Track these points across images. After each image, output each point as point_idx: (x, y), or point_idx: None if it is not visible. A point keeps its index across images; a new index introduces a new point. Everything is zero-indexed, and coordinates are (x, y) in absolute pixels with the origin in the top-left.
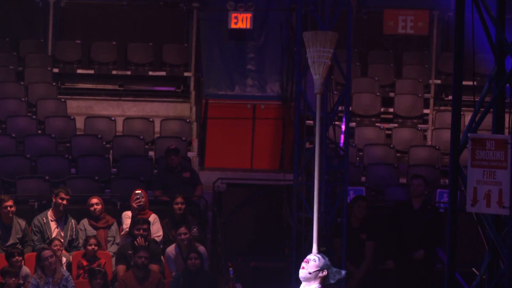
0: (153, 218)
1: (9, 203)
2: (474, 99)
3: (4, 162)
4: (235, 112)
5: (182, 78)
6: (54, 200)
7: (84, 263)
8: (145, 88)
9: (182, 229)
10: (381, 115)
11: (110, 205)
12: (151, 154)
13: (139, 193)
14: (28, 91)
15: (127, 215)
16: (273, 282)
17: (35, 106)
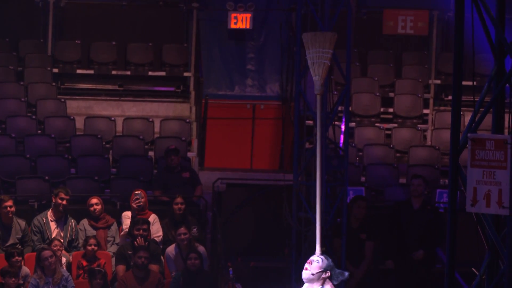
0: (153, 218)
1: (9, 203)
2: (474, 99)
3: (4, 162)
4: (235, 112)
5: (182, 78)
6: (54, 200)
7: (84, 263)
8: (145, 88)
9: (182, 229)
10: (381, 115)
11: (110, 205)
12: (151, 154)
13: (138, 193)
14: (28, 91)
15: (127, 215)
16: (273, 282)
17: (35, 106)
